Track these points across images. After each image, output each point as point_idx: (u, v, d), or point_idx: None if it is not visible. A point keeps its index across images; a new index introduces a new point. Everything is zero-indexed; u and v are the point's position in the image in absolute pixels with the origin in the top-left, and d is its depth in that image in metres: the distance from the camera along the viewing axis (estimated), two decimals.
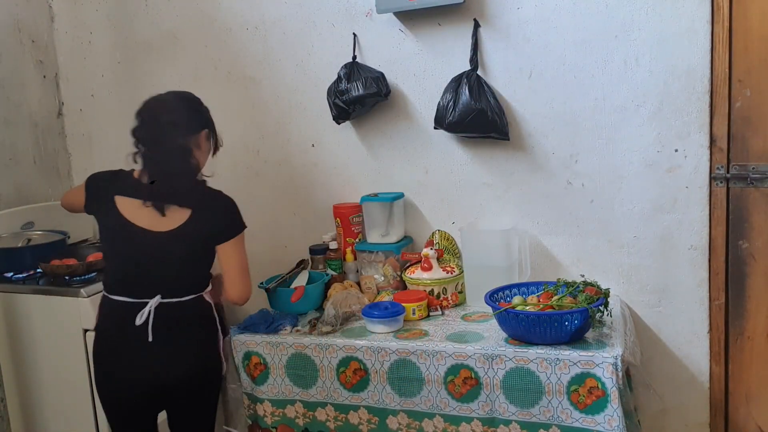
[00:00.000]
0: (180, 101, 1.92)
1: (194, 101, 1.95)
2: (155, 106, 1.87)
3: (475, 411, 1.90)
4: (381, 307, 2.12)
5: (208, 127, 1.94)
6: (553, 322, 1.83)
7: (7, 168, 2.69)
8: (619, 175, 2.23)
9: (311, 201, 2.63)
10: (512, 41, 2.28)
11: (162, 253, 1.84)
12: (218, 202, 1.91)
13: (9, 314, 2.23)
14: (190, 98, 1.95)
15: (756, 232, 2.14)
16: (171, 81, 2.76)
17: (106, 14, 2.84)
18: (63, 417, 2.22)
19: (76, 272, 2.22)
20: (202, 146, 1.91)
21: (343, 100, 2.37)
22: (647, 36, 2.14)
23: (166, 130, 1.84)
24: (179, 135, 1.85)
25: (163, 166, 1.84)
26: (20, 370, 2.25)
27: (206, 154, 1.95)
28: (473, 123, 2.22)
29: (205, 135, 1.92)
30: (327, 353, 2.02)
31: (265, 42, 2.61)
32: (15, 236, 2.50)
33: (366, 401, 2.00)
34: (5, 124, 2.70)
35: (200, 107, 1.95)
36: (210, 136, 1.95)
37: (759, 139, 2.11)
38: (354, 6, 2.45)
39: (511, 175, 2.36)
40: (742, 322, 2.19)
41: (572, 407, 1.81)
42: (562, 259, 2.35)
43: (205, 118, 1.95)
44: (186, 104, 1.92)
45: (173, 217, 1.83)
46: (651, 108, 2.17)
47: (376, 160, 2.53)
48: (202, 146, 1.91)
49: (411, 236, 2.52)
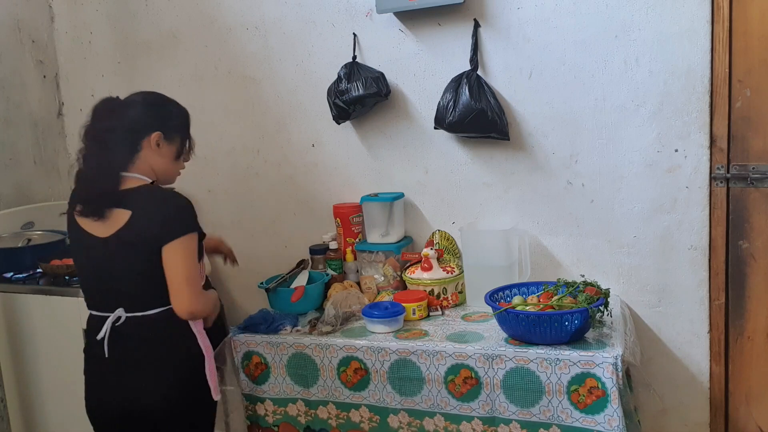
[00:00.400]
0: (131, 102, 1.83)
1: (152, 103, 1.86)
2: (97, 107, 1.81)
3: (475, 410, 1.90)
4: (381, 307, 2.12)
5: (163, 129, 1.81)
6: (553, 322, 1.83)
7: (7, 168, 2.69)
8: (619, 175, 2.24)
9: (311, 201, 2.63)
10: (512, 41, 2.28)
11: (109, 260, 1.74)
12: (162, 202, 1.75)
13: (9, 314, 2.23)
14: (148, 99, 1.87)
15: (756, 232, 2.14)
16: (171, 81, 2.76)
17: (106, 14, 2.84)
18: (63, 417, 2.22)
19: (75, 272, 2.22)
20: (153, 148, 1.80)
21: (343, 100, 2.37)
22: (647, 36, 2.14)
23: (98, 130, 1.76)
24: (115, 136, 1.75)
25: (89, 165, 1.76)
26: (20, 369, 2.25)
27: (164, 157, 1.83)
28: (473, 123, 2.22)
29: (157, 137, 1.80)
30: (327, 353, 2.02)
31: (265, 42, 2.61)
32: (15, 236, 2.51)
33: (367, 400, 2.00)
34: (5, 123, 2.70)
35: (157, 109, 1.85)
36: (167, 139, 1.83)
37: (759, 139, 2.11)
38: (354, 6, 2.45)
39: (511, 175, 2.37)
40: (742, 322, 2.19)
41: (572, 407, 1.82)
42: (562, 259, 2.35)
43: (161, 120, 1.83)
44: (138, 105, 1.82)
45: (115, 219, 1.72)
46: (651, 108, 2.17)
47: (376, 160, 2.53)
48: (153, 148, 1.80)
49: (411, 236, 2.52)
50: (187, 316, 1.73)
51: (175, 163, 1.89)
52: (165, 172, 1.86)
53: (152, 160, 1.82)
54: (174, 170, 1.90)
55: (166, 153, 1.84)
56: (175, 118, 1.88)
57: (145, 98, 1.87)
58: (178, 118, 1.90)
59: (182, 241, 1.70)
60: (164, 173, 1.86)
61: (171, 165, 1.88)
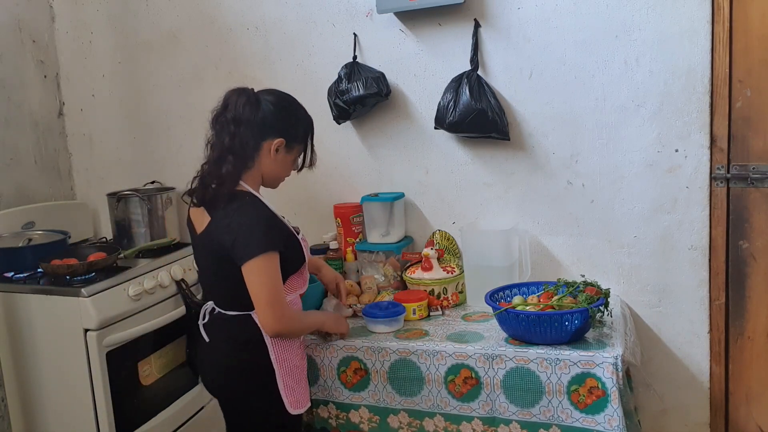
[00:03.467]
0: (262, 99, 1.74)
1: (283, 106, 1.78)
2: (230, 95, 1.74)
3: (475, 410, 1.90)
4: (381, 307, 2.12)
5: (287, 137, 1.75)
6: (553, 322, 1.84)
7: (7, 168, 2.69)
8: (619, 175, 2.24)
9: (311, 201, 2.63)
10: (513, 41, 2.28)
11: (199, 254, 1.81)
12: (233, 218, 1.68)
13: (9, 314, 2.23)
14: (280, 101, 1.78)
15: (756, 232, 2.14)
16: (171, 81, 2.76)
17: (106, 14, 2.85)
18: (64, 417, 2.22)
19: (76, 272, 2.22)
20: (271, 154, 1.74)
21: (344, 100, 2.37)
22: (648, 36, 2.14)
23: (228, 119, 1.71)
24: (241, 129, 1.70)
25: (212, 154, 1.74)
26: (21, 369, 2.24)
27: (277, 164, 1.77)
28: (474, 123, 2.22)
29: (278, 144, 1.74)
30: (328, 353, 2.02)
31: (265, 42, 2.61)
32: (16, 236, 2.50)
33: (367, 400, 2.00)
34: (6, 123, 2.70)
35: (287, 114, 1.77)
36: (288, 147, 1.77)
37: (759, 139, 2.11)
38: (354, 6, 2.45)
39: (511, 175, 2.37)
40: (743, 322, 2.19)
41: (572, 407, 1.82)
42: (563, 259, 2.35)
43: (287, 126, 1.76)
44: (269, 104, 1.74)
45: (205, 219, 1.74)
46: (651, 108, 2.17)
47: (376, 160, 2.53)
48: (271, 154, 1.74)
49: (411, 236, 2.52)
50: (273, 335, 1.72)
51: (289, 172, 1.85)
52: (272, 178, 1.81)
53: (265, 164, 1.76)
54: (282, 176, 1.84)
55: (281, 161, 1.78)
56: (300, 126, 1.81)
57: (278, 99, 1.79)
58: (303, 127, 1.82)
59: (256, 263, 1.64)
60: (271, 178, 1.81)
61: (285, 173, 1.84)
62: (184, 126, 2.77)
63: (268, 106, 1.74)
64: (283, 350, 1.77)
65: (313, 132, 1.85)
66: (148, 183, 2.84)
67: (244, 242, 1.64)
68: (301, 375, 1.84)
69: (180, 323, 2.39)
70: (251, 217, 1.67)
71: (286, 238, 1.76)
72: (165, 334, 2.36)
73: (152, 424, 2.30)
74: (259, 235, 1.65)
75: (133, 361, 2.27)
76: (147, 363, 2.32)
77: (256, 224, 1.66)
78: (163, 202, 2.67)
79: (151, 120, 2.84)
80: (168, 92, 2.79)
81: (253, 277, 1.65)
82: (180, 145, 2.80)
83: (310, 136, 1.84)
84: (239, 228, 1.65)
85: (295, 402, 1.78)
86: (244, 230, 1.65)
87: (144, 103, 2.84)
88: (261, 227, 1.66)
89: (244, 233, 1.65)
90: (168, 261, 2.45)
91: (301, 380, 1.84)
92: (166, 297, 2.36)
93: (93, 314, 2.10)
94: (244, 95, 1.73)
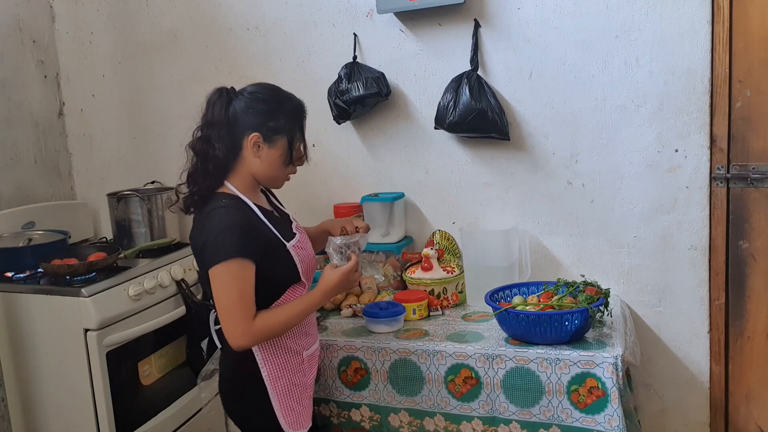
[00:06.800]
0: (239, 95, 1.65)
1: (258, 98, 1.64)
2: (209, 97, 1.65)
3: (475, 410, 1.90)
4: (381, 306, 2.12)
5: (262, 130, 1.62)
6: (553, 322, 1.84)
7: (7, 168, 2.69)
8: (619, 175, 2.24)
9: (312, 201, 2.63)
10: (513, 41, 2.28)
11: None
12: (205, 221, 1.59)
13: (10, 314, 2.23)
14: (257, 93, 1.66)
15: (756, 232, 2.14)
16: (172, 81, 2.76)
17: (106, 14, 2.85)
18: (64, 417, 2.22)
19: (77, 272, 2.22)
20: (252, 151, 1.63)
21: (344, 100, 2.37)
22: (647, 36, 2.14)
23: (204, 123, 1.65)
24: (214, 132, 1.62)
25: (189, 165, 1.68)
26: (21, 369, 2.25)
27: (265, 163, 1.64)
28: (474, 123, 2.23)
29: (254, 139, 1.61)
30: (328, 353, 2.02)
31: (265, 42, 2.61)
32: (16, 236, 2.50)
33: (367, 399, 2.01)
34: (6, 123, 2.70)
35: (262, 105, 1.63)
36: (268, 141, 1.63)
37: (759, 139, 2.11)
38: (354, 6, 2.45)
39: (511, 175, 2.37)
40: (742, 322, 2.19)
41: (572, 407, 1.82)
42: (562, 259, 2.35)
43: (262, 119, 1.62)
44: (242, 99, 1.64)
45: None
46: (651, 108, 2.17)
47: (376, 160, 2.53)
48: (252, 151, 1.63)
49: (411, 236, 2.52)
50: (237, 349, 1.57)
51: (281, 169, 1.68)
52: (265, 177, 1.67)
53: (252, 163, 1.64)
54: (281, 176, 1.70)
55: (266, 157, 1.63)
56: (280, 118, 1.64)
57: (254, 91, 1.65)
58: (285, 118, 1.65)
59: (220, 269, 1.52)
60: (264, 177, 1.67)
61: (276, 171, 1.67)
62: (184, 126, 2.74)
63: (240, 103, 1.63)
64: (276, 367, 1.66)
65: (300, 123, 1.69)
66: (148, 183, 2.84)
67: (211, 247, 1.54)
68: (302, 394, 1.71)
69: (180, 323, 2.39)
70: (222, 221, 1.55)
71: (266, 247, 1.60)
72: (165, 334, 2.37)
73: (152, 424, 2.30)
74: (229, 240, 1.53)
75: (133, 361, 2.27)
76: (147, 363, 2.33)
77: (226, 228, 1.54)
78: (163, 202, 2.67)
79: (151, 120, 2.84)
80: (168, 92, 2.79)
81: (216, 284, 1.53)
82: (180, 145, 2.74)
83: (296, 127, 1.68)
84: (209, 231, 1.55)
85: (294, 423, 1.68)
86: (213, 234, 1.54)
87: (144, 103, 2.84)
88: (232, 232, 1.54)
89: (213, 237, 1.54)
90: (168, 261, 2.46)
91: (302, 399, 1.71)
92: (166, 297, 2.37)
93: (93, 314, 2.10)
94: (217, 94, 1.65)
